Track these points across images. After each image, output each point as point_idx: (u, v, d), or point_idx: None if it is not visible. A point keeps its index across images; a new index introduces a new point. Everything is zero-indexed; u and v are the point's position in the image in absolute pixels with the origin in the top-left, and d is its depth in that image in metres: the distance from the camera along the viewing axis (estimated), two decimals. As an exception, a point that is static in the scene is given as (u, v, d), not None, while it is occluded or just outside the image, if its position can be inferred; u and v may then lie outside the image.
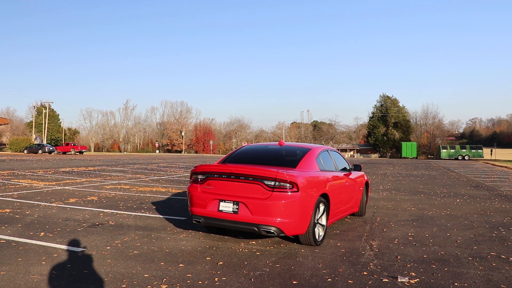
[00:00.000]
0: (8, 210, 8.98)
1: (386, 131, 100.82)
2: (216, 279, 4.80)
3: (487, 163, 50.62)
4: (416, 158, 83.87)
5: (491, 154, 71.78)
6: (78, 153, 64.71)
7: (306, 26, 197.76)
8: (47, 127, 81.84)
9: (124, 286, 4.50)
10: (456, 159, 72.48)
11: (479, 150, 74.31)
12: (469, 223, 8.76)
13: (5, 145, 79.24)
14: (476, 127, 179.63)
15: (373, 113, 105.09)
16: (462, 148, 75.85)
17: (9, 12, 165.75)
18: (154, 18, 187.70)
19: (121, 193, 12.62)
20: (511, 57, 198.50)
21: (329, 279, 4.89)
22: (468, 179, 22.42)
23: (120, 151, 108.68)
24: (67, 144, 67.93)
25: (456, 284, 4.82)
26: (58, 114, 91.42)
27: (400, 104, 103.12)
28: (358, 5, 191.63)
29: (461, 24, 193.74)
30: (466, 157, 72.42)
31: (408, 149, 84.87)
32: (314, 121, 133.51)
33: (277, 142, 7.96)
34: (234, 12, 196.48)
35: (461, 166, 41.28)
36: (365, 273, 5.18)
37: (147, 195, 12.32)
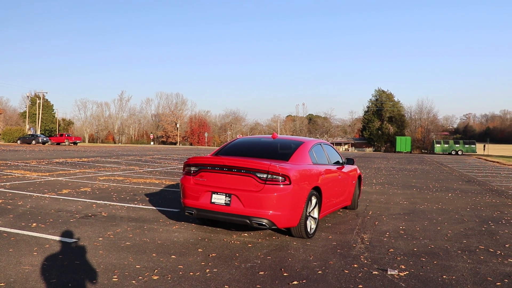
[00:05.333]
0: (0, 201, 8.96)
1: (381, 125, 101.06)
2: (208, 270, 4.84)
3: (479, 158, 50.93)
4: (410, 152, 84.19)
5: (484, 149, 72.14)
6: (72, 144, 64.40)
7: (302, 19, 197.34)
8: (41, 118, 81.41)
9: (115, 277, 4.52)
10: (450, 154, 72.81)
11: (472, 145, 74.66)
12: (459, 217, 8.84)
13: (-2, 135, 78.74)
14: (470, 122, 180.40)
15: (368, 107, 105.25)
16: (455, 143, 76.15)
17: (3, 2, 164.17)
18: (149, 9, 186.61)
19: (114, 184, 12.62)
20: (505, 53, 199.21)
21: (319, 271, 4.93)
22: (461, 173, 22.56)
23: (115, 143, 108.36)
24: (61, 135, 67.42)
25: (444, 277, 4.88)
26: (52, 105, 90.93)
27: (395, 99, 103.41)
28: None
29: (456, 20, 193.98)
30: (460, 152, 72.78)
31: (403, 143, 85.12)
32: (309, 114, 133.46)
33: (271, 135, 7.98)
34: (230, 3, 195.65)
35: (454, 161, 41.51)
36: (355, 265, 5.23)
37: (141, 186, 12.33)
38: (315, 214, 6.84)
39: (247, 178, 6.11)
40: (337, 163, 8.55)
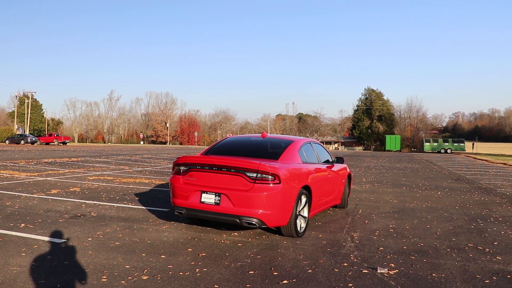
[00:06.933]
0: (-12, 201, 8.86)
1: (371, 124, 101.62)
2: (197, 270, 4.82)
3: (468, 156, 51.35)
4: (400, 151, 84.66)
5: (472, 147, 72.79)
6: (62, 144, 63.87)
7: (292, 19, 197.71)
8: (30, 117, 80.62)
9: (104, 277, 4.49)
10: (439, 152, 73.36)
11: (461, 144, 75.37)
12: (449, 215, 8.90)
13: (-14, 135, 77.79)
14: (459, 121, 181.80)
15: (357, 106, 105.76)
16: (444, 141, 76.78)
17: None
18: (139, 8, 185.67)
19: (104, 184, 12.54)
20: (494, 52, 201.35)
21: (309, 270, 4.94)
22: (450, 172, 22.73)
23: (104, 142, 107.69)
24: (50, 135, 66.87)
25: (433, 275, 4.91)
26: (41, 104, 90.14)
27: (385, 98, 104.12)
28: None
29: (445, 19, 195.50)
30: (449, 151, 73.37)
31: (392, 142, 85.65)
32: (299, 113, 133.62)
33: (260, 134, 7.97)
34: (220, 2, 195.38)
35: (443, 159, 41.82)
36: (345, 264, 5.24)
37: (130, 186, 12.26)
38: (305, 213, 6.85)
39: (237, 177, 6.10)
40: (327, 162, 8.57)
